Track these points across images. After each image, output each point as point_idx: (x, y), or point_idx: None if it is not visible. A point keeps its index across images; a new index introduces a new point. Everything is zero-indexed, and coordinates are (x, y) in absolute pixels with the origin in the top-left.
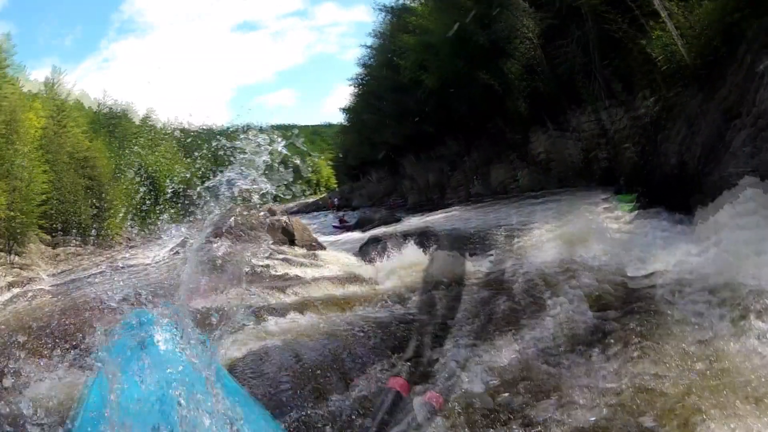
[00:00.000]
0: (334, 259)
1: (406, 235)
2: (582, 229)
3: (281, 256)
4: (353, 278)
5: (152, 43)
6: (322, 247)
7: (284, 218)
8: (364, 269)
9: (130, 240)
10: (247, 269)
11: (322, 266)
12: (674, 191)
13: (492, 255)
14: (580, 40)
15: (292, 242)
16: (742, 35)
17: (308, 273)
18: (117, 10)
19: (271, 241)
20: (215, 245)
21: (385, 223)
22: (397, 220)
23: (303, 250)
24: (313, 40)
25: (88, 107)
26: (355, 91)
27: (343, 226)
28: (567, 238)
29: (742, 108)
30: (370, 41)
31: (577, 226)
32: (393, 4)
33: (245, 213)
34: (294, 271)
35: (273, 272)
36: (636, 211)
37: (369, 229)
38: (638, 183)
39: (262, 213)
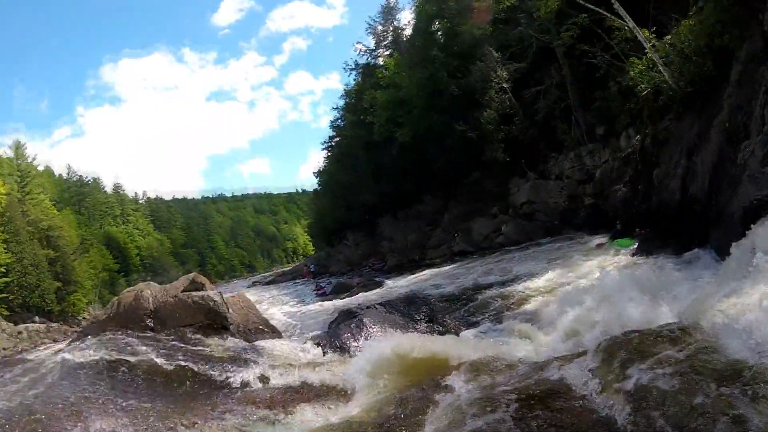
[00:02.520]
0: (282, 354)
1: (389, 305)
2: (595, 281)
3: (198, 354)
4: (306, 392)
5: (127, 111)
6: (274, 333)
7: (213, 294)
8: (327, 371)
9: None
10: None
11: (259, 371)
12: (683, 227)
13: (500, 326)
14: (558, 85)
15: (224, 328)
16: (731, 56)
17: (232, 384)
18: (92, 77)
19: (188, 331)
20: (88, 344)
21: (365, 288)
22: (378, 285)
23: (238, 342)
24: (287, 108)
25: (58, 174)
26: (328, 153)
27: (320, 294)
28: (582, 296)
29: (751, 128)
30: (341, 103)
31: (589, 279)
32: (363, 61)
33: (155, 289)
34: (217, 376)
35: (171, 384)
36: (642, 254)
37: (347, 296)
38: (637, 224)
39: (180, 287)
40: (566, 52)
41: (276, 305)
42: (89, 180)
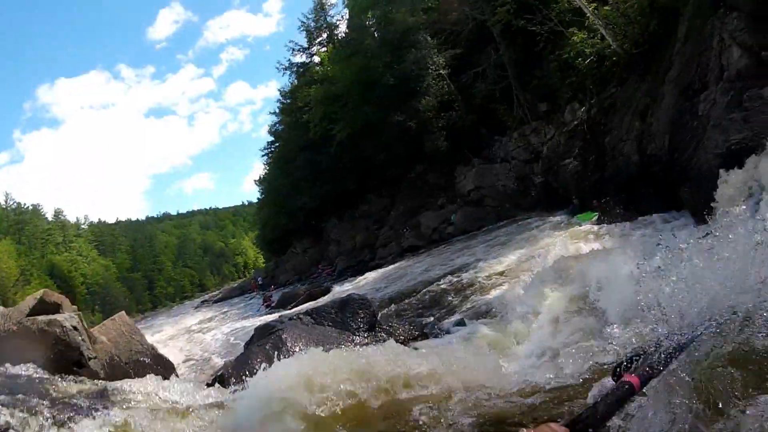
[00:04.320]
0: (150, 399)
1: (317, 314)
2: (573, 257)
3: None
4: None
5: (66, 133)
6: (160, 367)
7: (65, 318)
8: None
9: None
10: None
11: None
12: (648, 190)
13: (461, 330)
14: (496, 65)
15: (79, 364)
16: (675, 14)
17: None
18: (29, 100)
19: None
20: None
21: (311, 297)
22: (326, 291)
23: (93, 384)
24: (227, 120)
25: None
26: (269, 159)
27: (269, 306)
28: (561, 278)
29: (708, 79)
30: (277, 107)
31: (562, 256)
32: (297, 60)
33: None
34: None
35: None
36: (605, 224)
37: (294, 307)
38: (593, 195)
39: (25, 310)
40: (503, 30)
41: (223, 324)
42: (28, 207)
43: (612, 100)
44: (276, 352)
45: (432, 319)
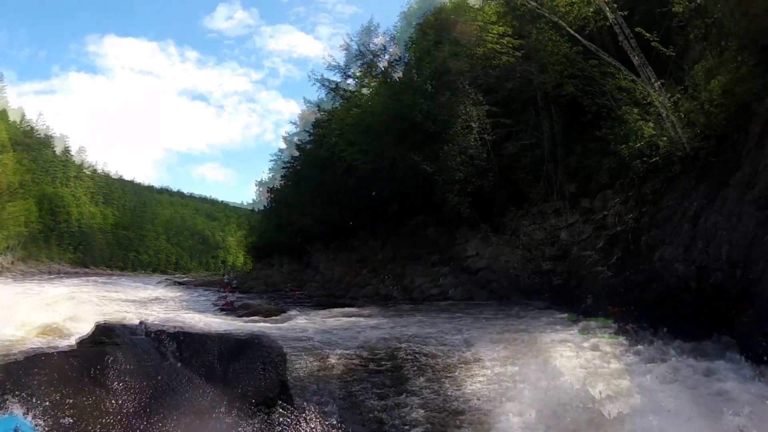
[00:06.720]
0: None
1: (190, 347)
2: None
3: None
4: None
5: (100, 84)
6: None
7: None
8: None
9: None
10: None
11: None
12: (689, 309)
13: None
14: (534, 128)
15: None
16: (747, 110)
17: None
18: (76, 42)
19: None
20: None
21: (267, 313)
22: (282, 311)
23: None
24: (252, 123)
25: (12, 120)
26: (286, 171)
27: (224, 308)
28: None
29: None
30: (311, 123)
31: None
32: (332, 77)
33: None
34: None
35: None
36: (621, 339)
37: (246, 320)
38: (612, 301)
39: None
40: (550, 93)
41: (167, 309)
42: (40, 135)
43: (657, 196)
44: (81, 385)
45: (374, 398)
